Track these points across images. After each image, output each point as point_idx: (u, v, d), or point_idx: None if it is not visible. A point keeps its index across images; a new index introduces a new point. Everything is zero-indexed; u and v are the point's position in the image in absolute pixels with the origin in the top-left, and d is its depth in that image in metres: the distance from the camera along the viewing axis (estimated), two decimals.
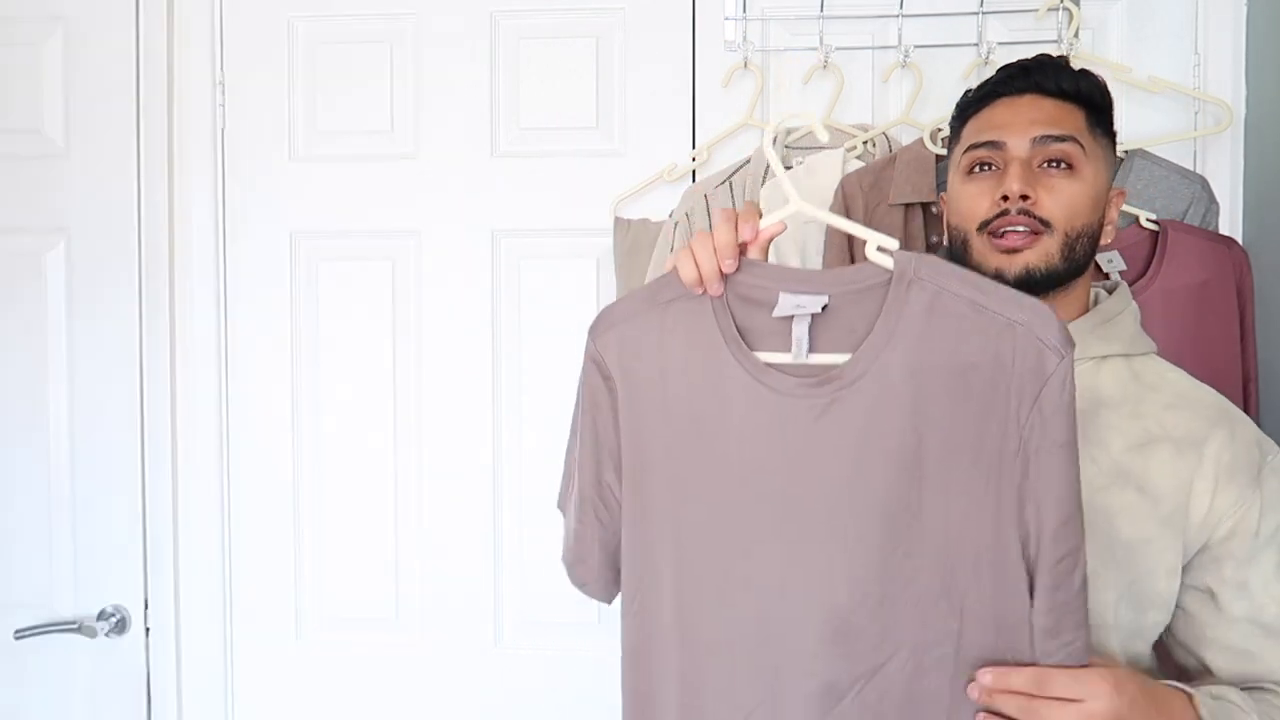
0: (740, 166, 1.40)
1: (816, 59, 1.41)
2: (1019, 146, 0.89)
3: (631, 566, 0.86)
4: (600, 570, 0.91)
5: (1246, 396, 1.26)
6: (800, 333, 0.77)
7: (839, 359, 0.77)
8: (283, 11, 1.53)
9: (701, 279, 0.79)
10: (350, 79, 1.52)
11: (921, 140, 1.29)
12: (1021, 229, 0.87)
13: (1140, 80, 1.37)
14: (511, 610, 1.53)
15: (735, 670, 0.80)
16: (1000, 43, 1.38)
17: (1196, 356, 1.23)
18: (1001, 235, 0.88)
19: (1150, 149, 1.34)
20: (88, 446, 1.54)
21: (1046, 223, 0.87)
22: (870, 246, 0.77)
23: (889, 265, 0.77)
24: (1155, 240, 1.27)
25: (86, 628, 1.52)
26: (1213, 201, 1.31)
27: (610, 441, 0.86)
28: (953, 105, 1.00)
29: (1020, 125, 0.89)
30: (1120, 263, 1.27)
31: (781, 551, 0.78)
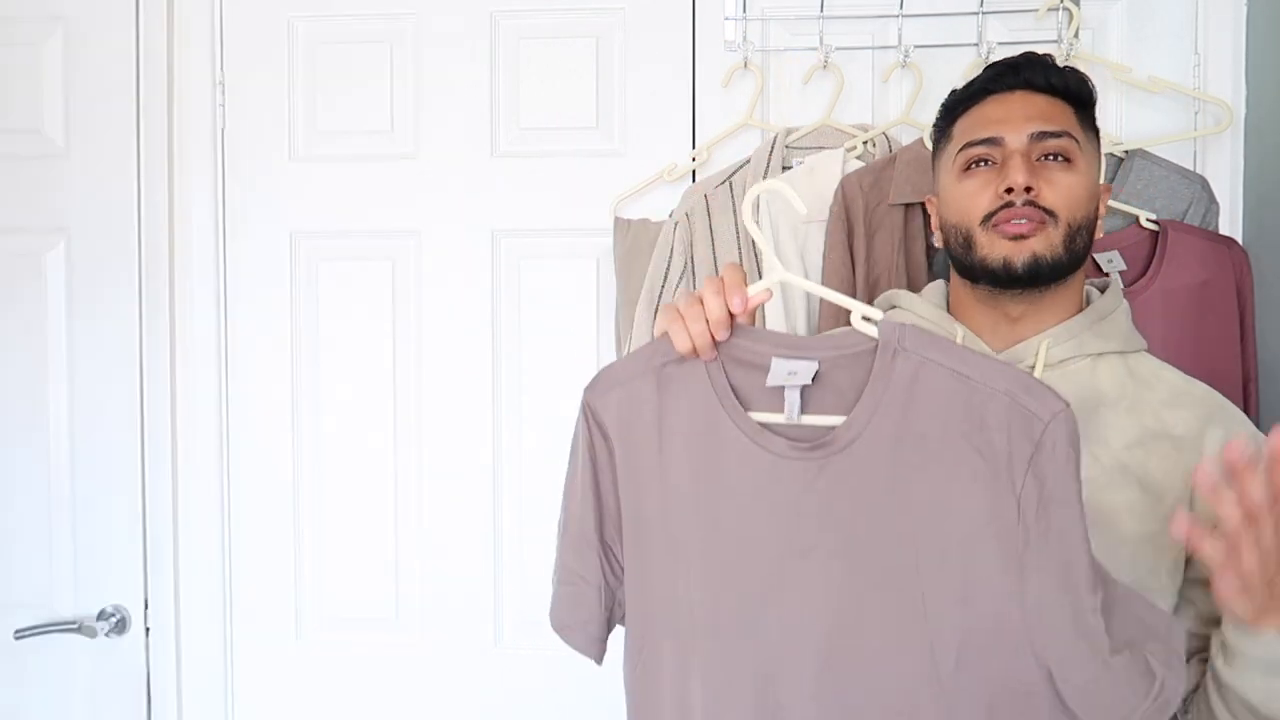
0: (740, 166, 1.40)
1: (816, 59, 1.41)
2: (1017, 141, 0.90)
3: (633, 626, 0.87)
4: (599, 630, 0.92)
5: (1246, 396, 1.26)
6: (793, 397, 0.79)
7: (830, 420, 0.79)
8: (283, 11, 1.53)
9: (695, 349, 0.81)
10: (350, 79, 1.52)
11: (921, 140, 1.29)
12: (1025, 220, 0.88)
13: (1140, 80, 1.37)
14: (511, 610, 1.53)
15: None
16: (1000, 43, 1.37)
17: (1196, 356, 1.23)
18: (1006, 225, 0.88)
19: (1150, 149, 1.34)
20: (88, 446, 1.54)
21: (1051, 213, 0.88)
22: (855, 316, 0.78)
23: (874, 334, 0.78)
24: (1155, 240, 1.27)
25: (86, 628, 1.52)
26: (1213, 201, 1.32)
27: (611, 501, 0.87)
28: None
29: (1016, 121, 0.90)
30: (1120, 263, 1.27)
31: (780, 612, 0.79)
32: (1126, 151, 1.33)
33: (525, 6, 1.49)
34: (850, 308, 0.79)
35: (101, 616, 1.53)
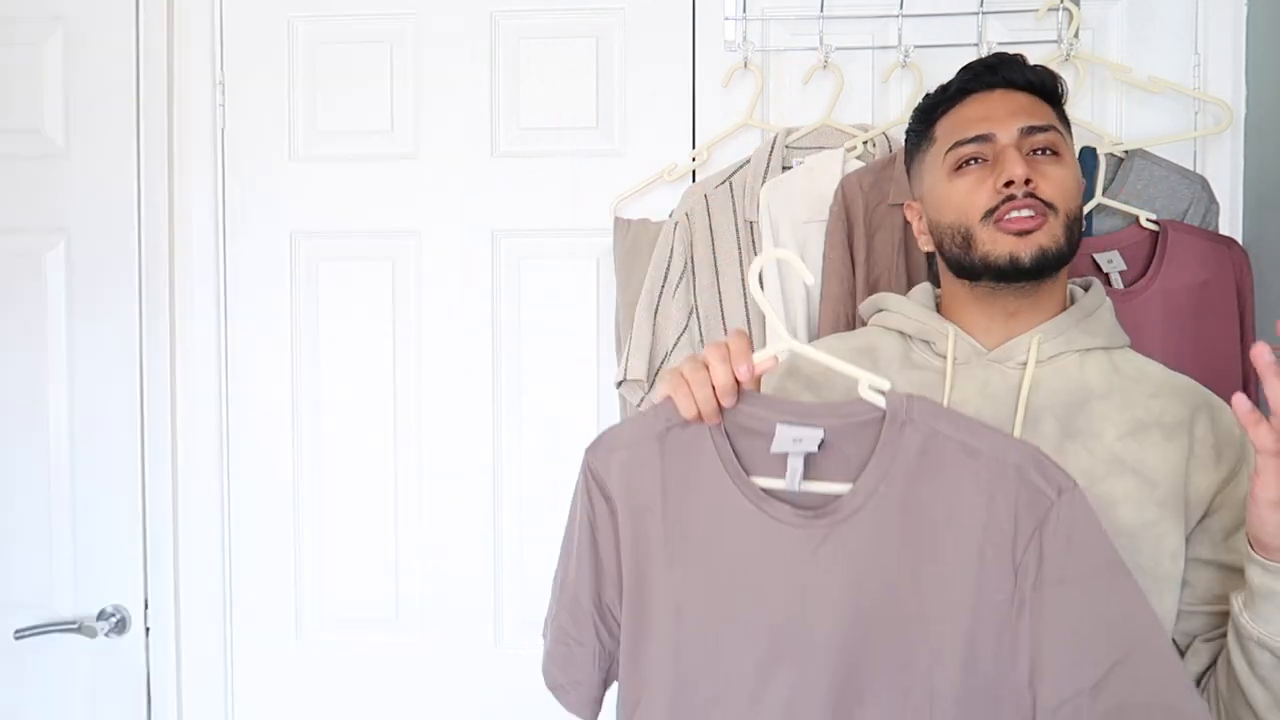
0: (740, 166, 1.40)
1: (816, 59, 1.41)
2: (1008, 136, 0.91)
3: (627, 687, 0.87)
4: (594, 690, 0.92)
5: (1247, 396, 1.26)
6: (796, 464, 0.79)
7: (833, 488, 0.79)
8: (283, 11, 1.53)
9: (700, 414, 0.81)
10: (350, 79, 1.52)
11: None
12: (1028, 212, 0.88)
13: (1140, 80, 1.37)
14: (511, 610, 1.53)
15: None
16: (1000, 43, 1.37)
17: (1196, 356, 1.23)
18: (1010, 219, 0.89)
19: (1150, 149, 1.34)
20: (88, 446, 1.54)
21: (1050, 205, 0.89)
22: (862, 386, 0.78)
23: (881, 404, 0.78)
24: (1155, 240, 1.27)
25: (86, 628, 1.52)
26: (1213, 201, 1.31)
27: (611, 561, 0.87)
28: None
29: (1003, 117, 0.92)
30: (1120, 263, 1.27)
31: (780, 680, 0.79)
32: (1126, 151, 1.33)
33: (525, 6, 1.49)
34: (857, 377, 0.79)
35: (101, 616, 1.54)
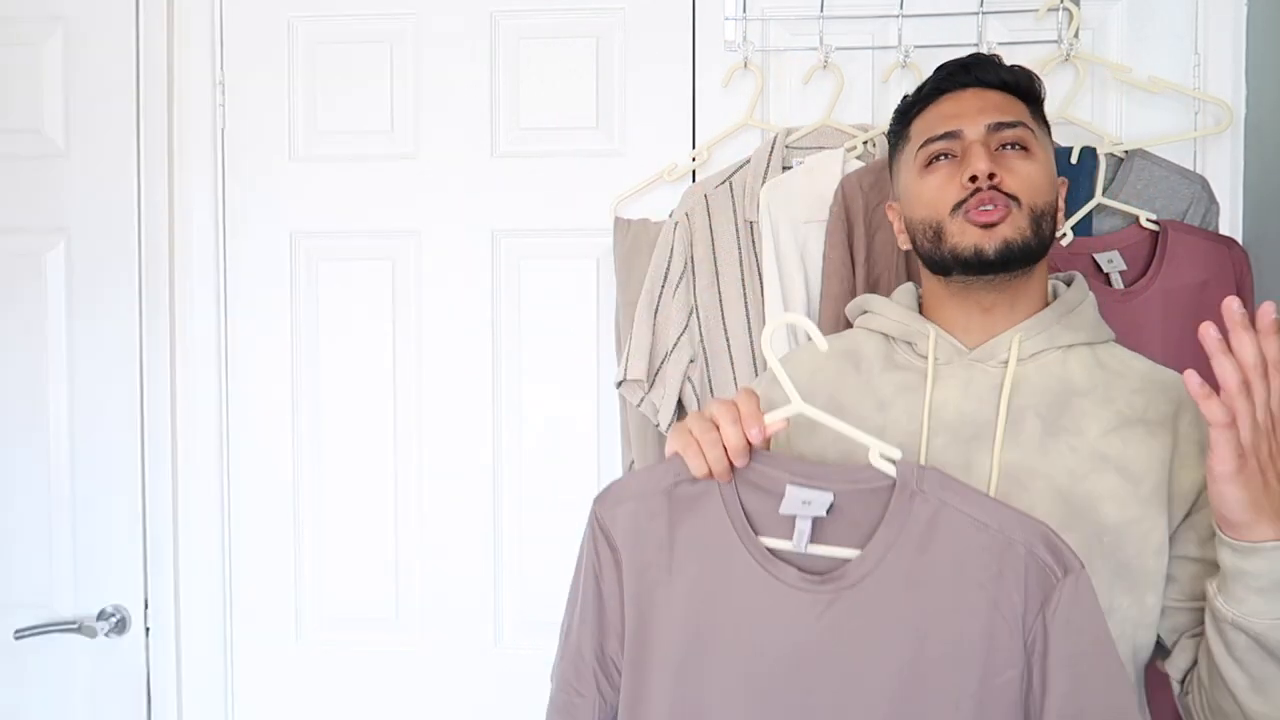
0: (740, 167, 1.40)
1: (816, 59, 1.41)
2: (975, 132, 0.92)
3: None
4: None
5: None
6: (804, 526, 0.79)
7: (840, 552, 0.79)
8: (283, 11, 1.53)
9: (711, 473, 0.82)
10: (350, 79, 1.53)
11: None
12: (991, 205, 0.89)
13: (1140, 80, 1.37)
14: (511, 610, 1.53)
15: None
16: (1000, 43, 1.37)
17: (1196, 357, 1.22)
18: (974, 212, 0.90)
19: (1150, 149, 1.34)
20: (88, 446, 1.54)
21: (1014, 198, 0.90)
22: (873, 454, 0.79)
23: (891, 473, 0.78)
24: (1155, 240, 1.27)
25: (86, 628, 1.52)
26: (1213, 201, 1.31)
27: (615, 613, 0.87)
28: None
29: (972, 114, 0.93)
30: (1120, 263, 1.27)
31: None
32: (1126, 151, 1.33)
33: (525, 6, 1.49)
34: (868, 444, 0.79)
35: (101, 616, 1.54)
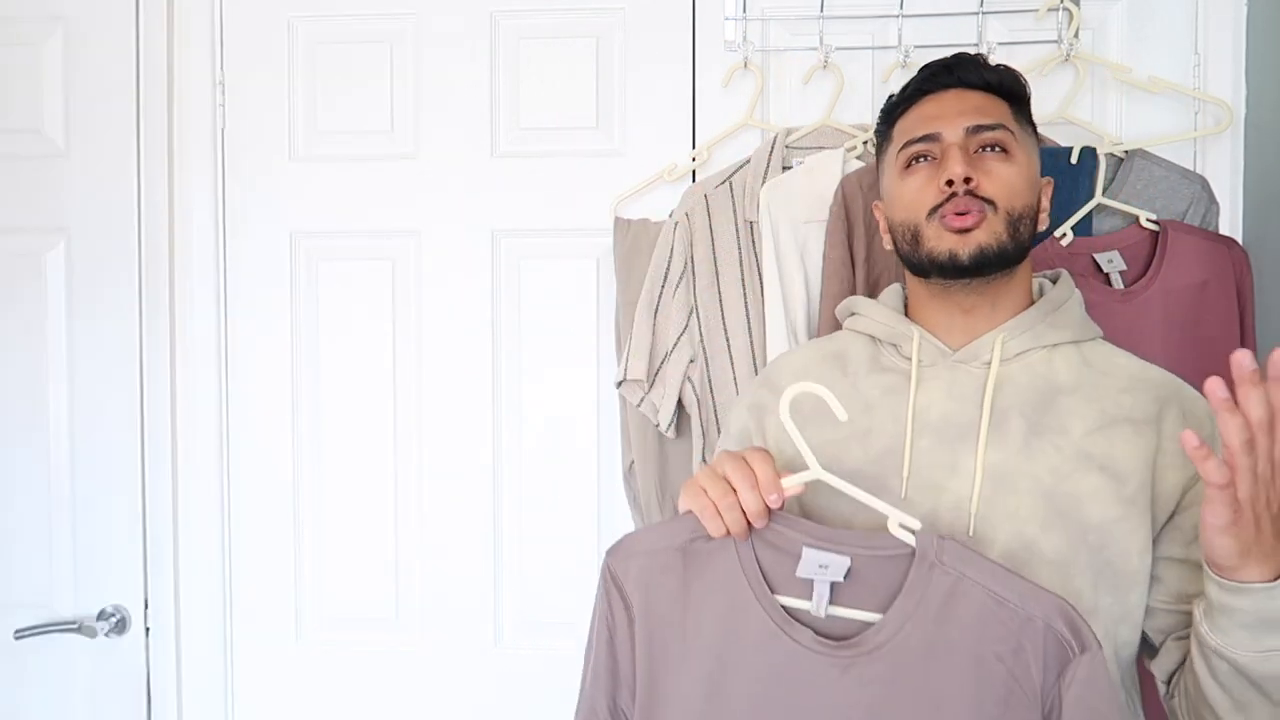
0: (740, 167, 1.40)
1: (816, 59, 1.41)
2: (954, 135, 0.92)
3: None
4: None
5: None
6: (823, 589, 0.80)
7: (859, 615, 0.80)
8: (283, 11, 1.53)
9: (729, 532, 0.82)
10: (350, 79, 1.52)
11: None
12: (966, 210, 0.90)
13: (1140, 80, 1.37)
14: (511, 610, 1.53)
15: None
16: (1000, 43, 1.38)
17: (1196, 356, 1.23)
18: (952, 216, 0.90)
19: (1150, 149, 1.34)
20: (88, 446, 1.54)
21: (990, 202, 0.90)
22: (892, 524, 0.79)
23: (911, 542, 0.79)
24: (1155, 240, 1.27)
25: (86, 628, 1.52)
26: (1213, 201, 1.31)
27: (627, 666, 0.87)
28: None
29: (951, 116, 0.93)
30: (1120, 263, 1.27)
31: None
32: (1126, 151, 1.33)
33: (525, 6, 1.49)
34: (887, 513, 0.79)
35: (101, 616, 1.54)
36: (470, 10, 1.50)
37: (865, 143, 1.37)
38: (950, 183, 0.90)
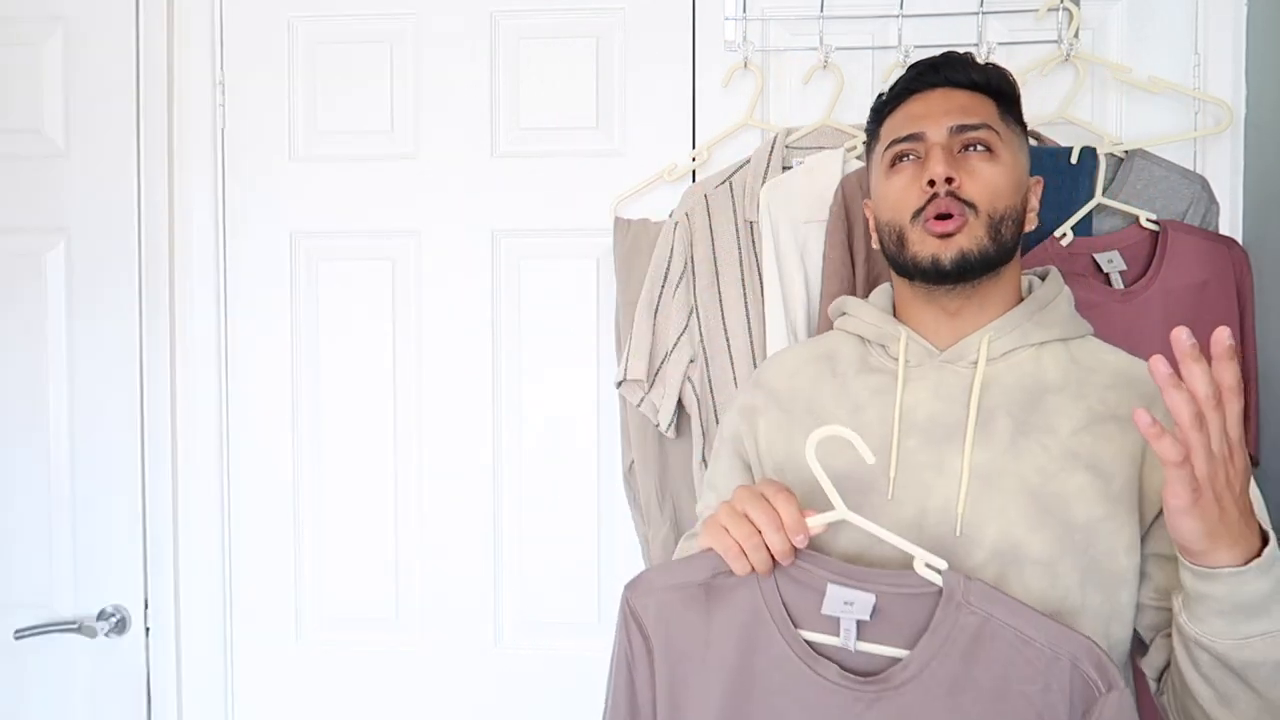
0: (740, 167, 1.40)
1: (816, 59, 1.41)
2: (938, 135, 0.92)
3: None
4: None
5: (1246, 397, 1.26)
6: (850, 624, 0.80)
7: (885, 651, 0.80)
8: (283, 11, 1.53)
9: (753, 570, 0.82)
10: (350, 79, 1.53)
11: None
12: (949, 215, 0.89)
13: (1140, 80, 1.37)
14: (511, 610, 1.53)
15: None
16: (1000, 43, 1.38)
17: None
18: (934, 221, 0.90)
19: (1150, 149, 1.34)
20: (88, 446, 1.54)
21: (971, 204, 0.90)
22: (918, 564, 0.80)
23: (937, 582, 0.79)
24: (1155, 240, 1.27)
25: (86, 628, 1.52)
26: (1213, 201, 1.31)
27: (647, 702, 0.87)
28: None
29: (936, 116, 0.93)
30: (1120, 263, 1.27)
31: None
32: (1126, 151, 1.33)
33: (525, 6, 1.49)
34: (913, 553, 0.80)
35: (101, 616, 1.54)
36: (470, 10, 1.50)
37: (865, 143, 1.37)
38: (932, 183, 0.90)
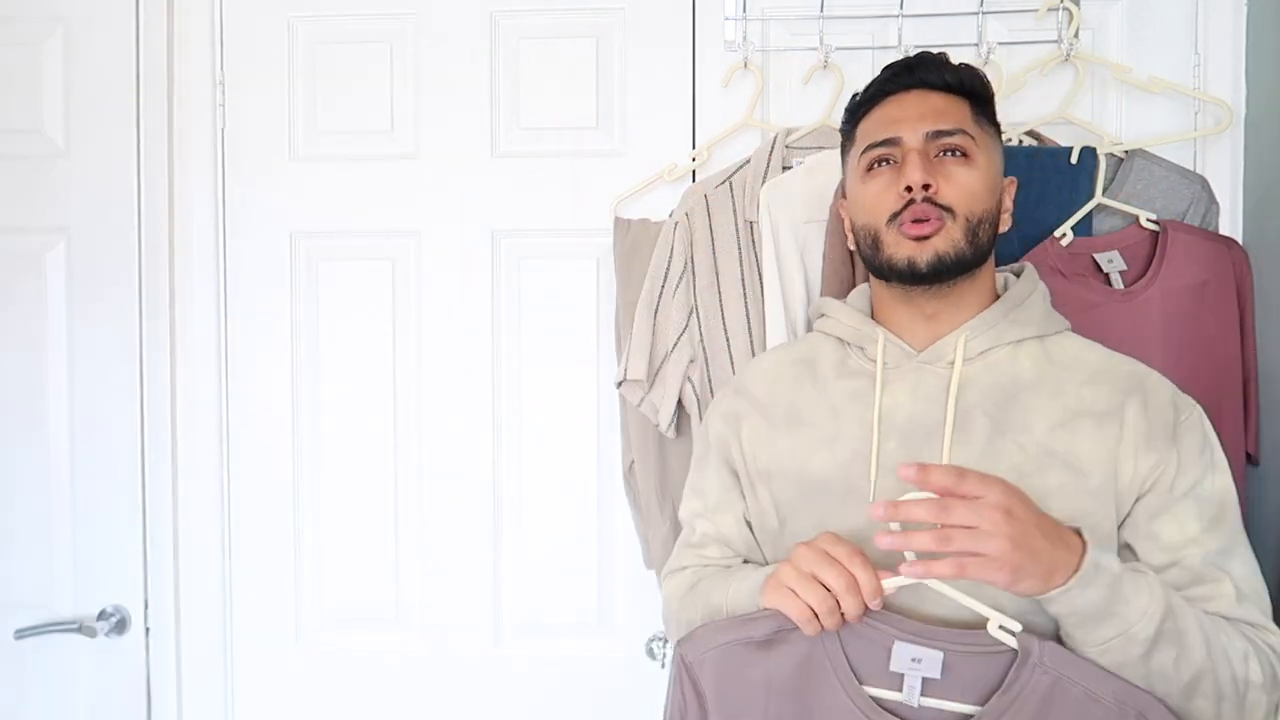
0: (740, 167, 1.40)
1: (816, 59, 1.41)
2: (914, 140, 0.93)
3: None
4: None
5: (1246, 396, 1.26)
6: (915, 680, 0.81)
7: (953, 707, 0.80)
8: (283, 11, 1.53)
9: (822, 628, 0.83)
10: (350, 79, 1.52)
11: None
12: (926, 219, 0.90)
13: (1140, 80, 1.37)
14: (511, 610, 1.53)
15: None
16: (1000, 43, 1.38)
17: (1196, 357, 1.23)
18: (910, 224, 0.91)
19: (1150, 149, 1.34)
20: (88, 446, 1.54)
21: (949, 209, 0.91)
22: (992, 625, 0.80)
23: (1012, 644, 0.80)
24: (1155, 240, 1.27)
25: (86, 628, 1.52)
26: (1213, 201, 1.31)
27: None
28: None
29: (911, 120, 0.93)
30: (1120, 263, 1.27)
31: None
32: (1126, 151, 1.33)
33: (525, 6, 1.49)
34: (988, 616, 0.80)
35: (101, 616, 1.54)
36: (470, 10, 1.50)
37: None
38: (909, 189, 0.90)
